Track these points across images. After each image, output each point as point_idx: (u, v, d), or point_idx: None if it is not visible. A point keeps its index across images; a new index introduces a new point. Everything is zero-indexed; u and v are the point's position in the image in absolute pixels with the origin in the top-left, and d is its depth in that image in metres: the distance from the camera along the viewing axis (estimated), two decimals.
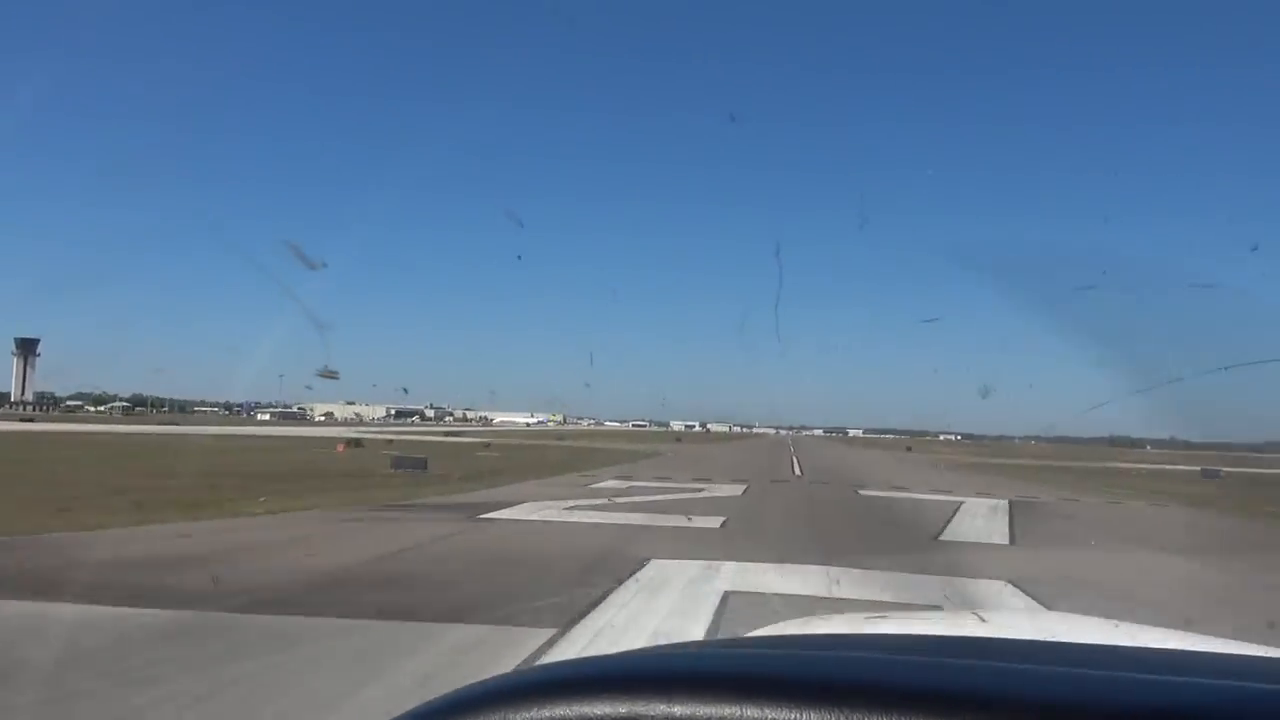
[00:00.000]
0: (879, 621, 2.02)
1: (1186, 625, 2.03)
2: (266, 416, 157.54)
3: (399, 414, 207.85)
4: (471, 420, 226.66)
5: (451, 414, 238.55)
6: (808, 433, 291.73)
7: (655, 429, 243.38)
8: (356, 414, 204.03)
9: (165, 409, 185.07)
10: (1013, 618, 2.20)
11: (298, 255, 6.12)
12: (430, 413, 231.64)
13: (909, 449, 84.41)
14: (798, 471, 33.28)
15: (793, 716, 0.69)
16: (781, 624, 2.12)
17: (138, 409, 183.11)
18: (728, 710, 0.71)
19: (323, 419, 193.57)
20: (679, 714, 0.71)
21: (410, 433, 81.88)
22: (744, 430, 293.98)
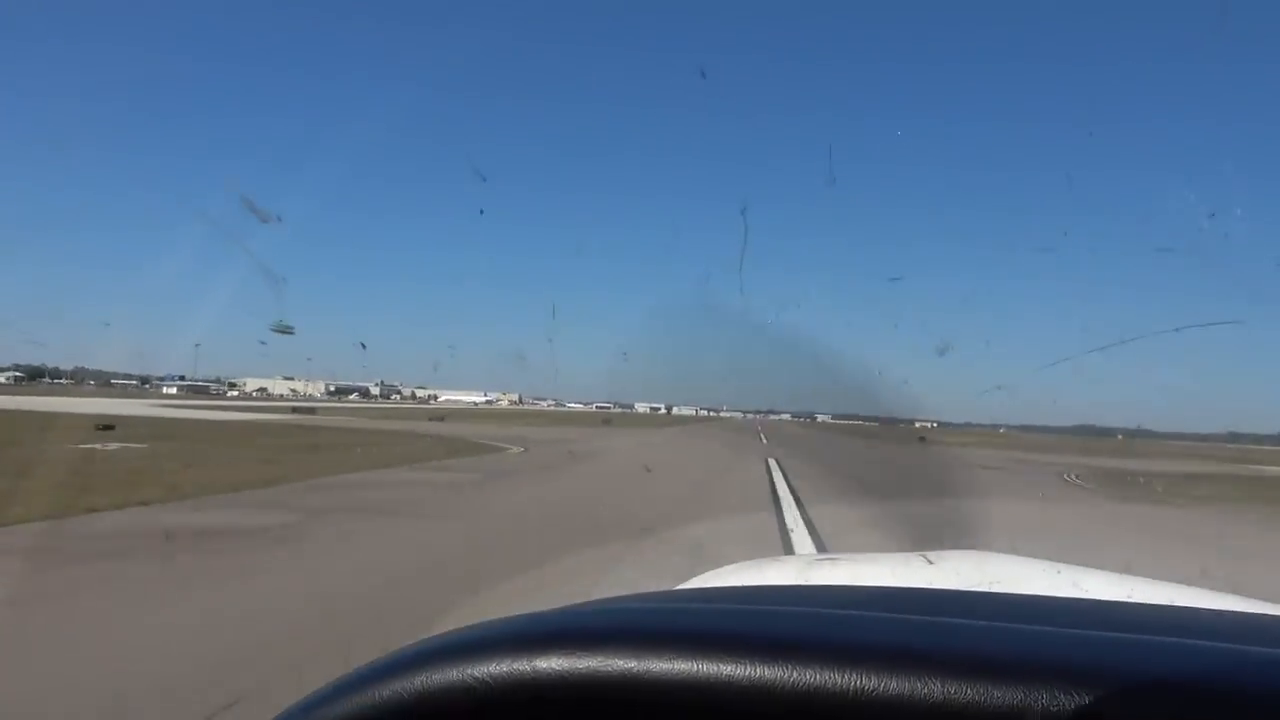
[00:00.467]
0: (824, 565, 1.92)
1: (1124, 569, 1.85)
2: (173, 390, 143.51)
3: (338, 390, 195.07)
4: (419, 398, 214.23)
5: (399, 391, 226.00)
6: (775, 416, 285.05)
7: (618, 410, 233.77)
8: (292, 389, 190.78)
9: (67, 379, 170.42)
10: (960, 561, 1.90)
11: (250, 208, 5.76)
12: (376, 389, 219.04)
13: (922, 439, 61.45)
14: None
15: (722, 671, 0.70)
16: (726, 569, 1.93)
17: (39, 380, 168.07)
18: (655, 665, 0.72)
19: (256, 394, 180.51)
20: (615, 668, 0.72)
21: (302, 409, 68.85)
22: (710, 413, 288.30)
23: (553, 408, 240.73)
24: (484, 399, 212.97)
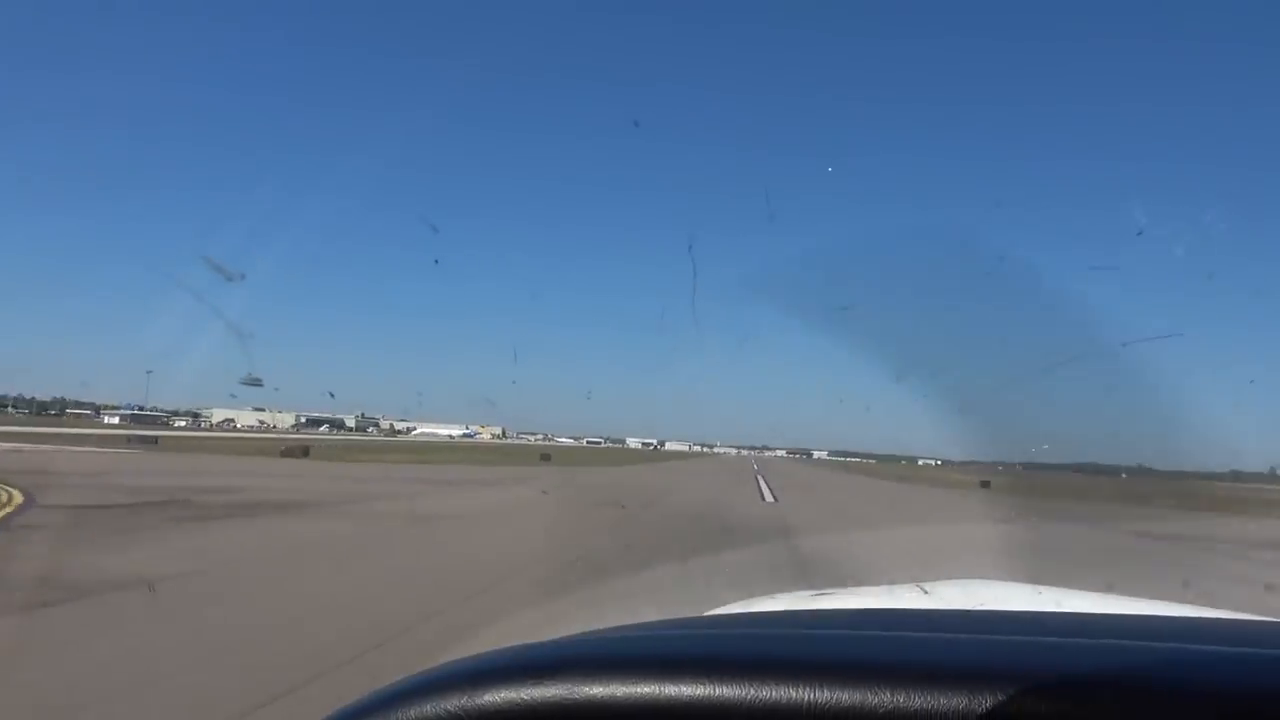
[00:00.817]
0: (821, 598, 2.02)
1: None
2: (115, 420, 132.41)
3: (311, 422, 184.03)
4: (397, 430, 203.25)
5: (377, 423, 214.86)
6: (771, 453, 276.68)
7: (609, 446, 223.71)
8: (261, 421, 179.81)
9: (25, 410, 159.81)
10: (951, 589, 2.00)
11: (216, 268, 5.57)
12: (351, 421, 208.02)
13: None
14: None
15: (734, 694, 0.72)
16: (718, 610, 1.94)
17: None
18: (661, 690, 0.73)
19: (224, 424, 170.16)
20: (621, 695, 0.74)
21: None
22: (704, 449, 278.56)
23: (542, 441, 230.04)
24: (463, 432, 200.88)
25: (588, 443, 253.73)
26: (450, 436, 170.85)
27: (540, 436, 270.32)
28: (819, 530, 18.03)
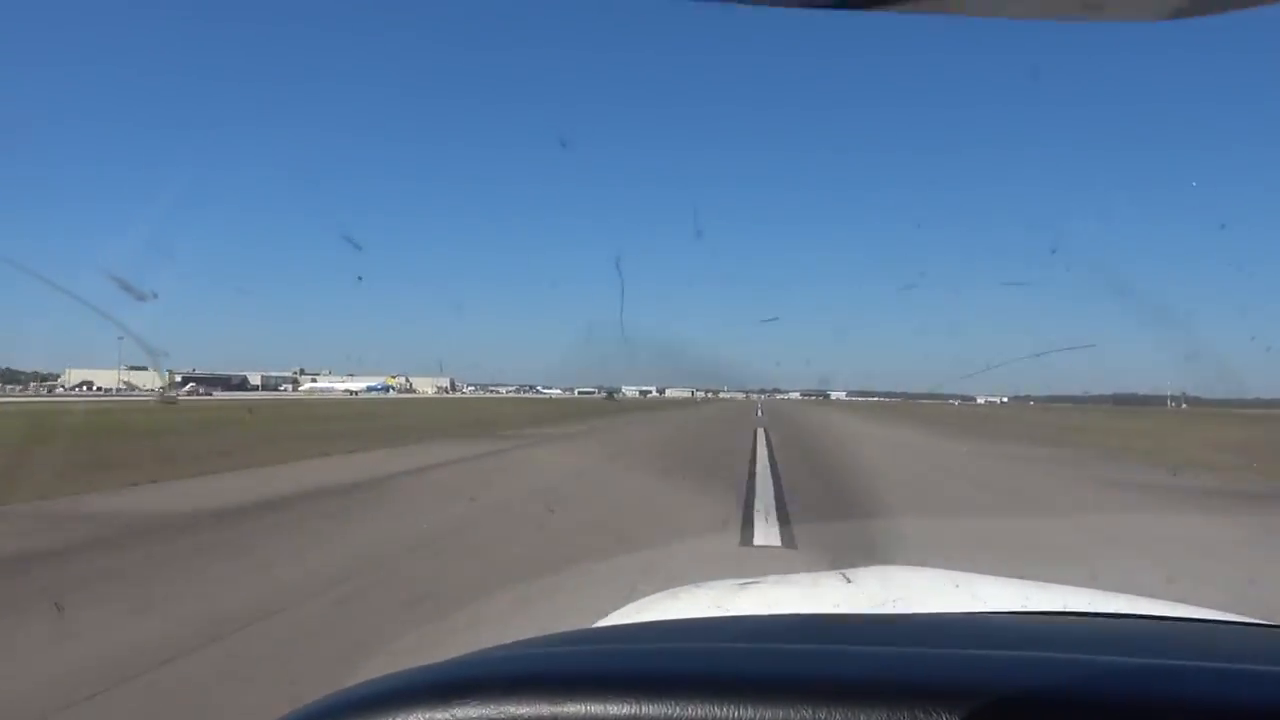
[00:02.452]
0: (741, 592, 1.85)
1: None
2: None
3: (187, 381, 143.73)
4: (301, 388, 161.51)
5: (296, 381, 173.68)
6: (782, 396, 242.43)
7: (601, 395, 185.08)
8: (127, 382, 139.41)
9: None
10: (870, 579, 1.85)
11: (124, 288, 6.07)
12: (257, 379, 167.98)
13: None
14: None
15: (634, 712, 0.71)
16: (644, 600, 1.87)
17: None
18: (558, 710, 0.72)
19: (79, 388, 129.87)
20: (523, 714, 0.72)
21: None
22: (709, 395, 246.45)
23: (516, 394, 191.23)
24: (367, 385, 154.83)
25: (579, 393, 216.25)
26: (350, 393, 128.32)
27: (520, 389, 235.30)
28: None
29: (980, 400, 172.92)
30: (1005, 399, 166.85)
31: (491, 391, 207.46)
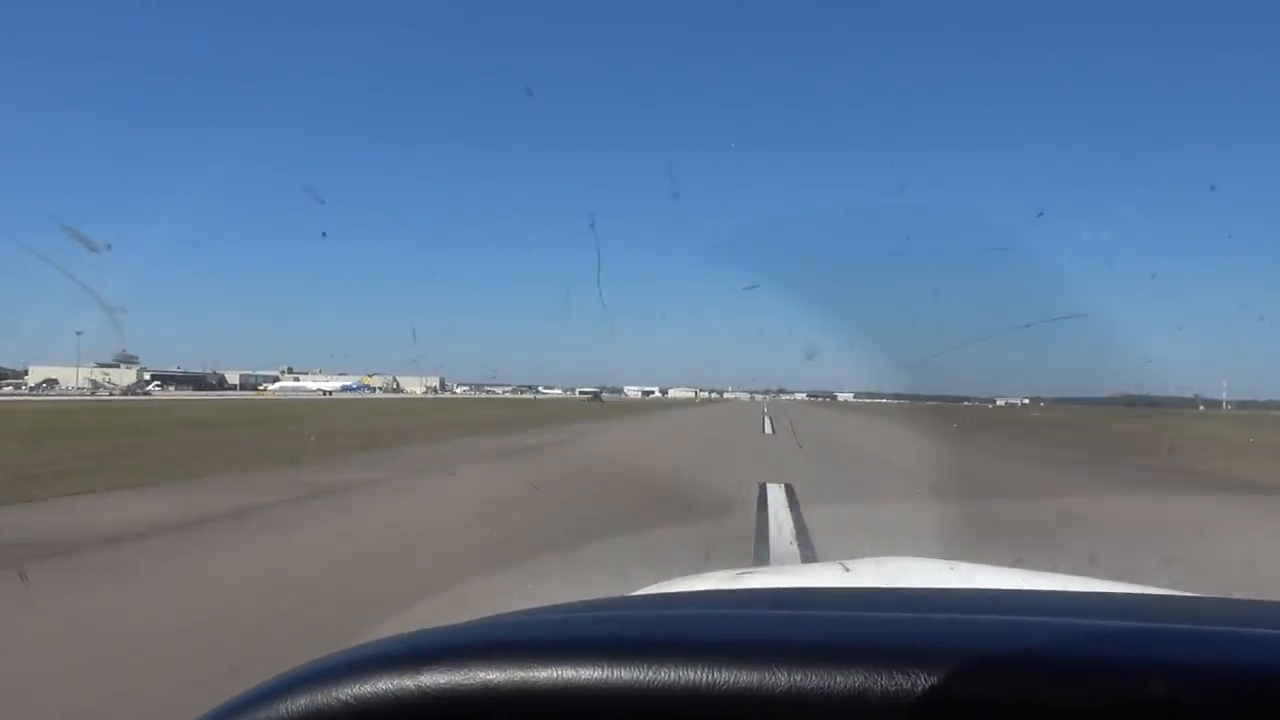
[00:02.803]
0: (746, 578, 1.97)
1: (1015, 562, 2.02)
2: None
3: (155, 379, 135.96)
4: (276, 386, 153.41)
5: (278, 378, 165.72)
6: (787, 396, 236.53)
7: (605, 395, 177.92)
8: (92, 380, 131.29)
9: None
10: (873, 567, 1.93)
11: (76, 237, 6.02)
12: (235, 379, 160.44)
13: None
14: None
15: (641, 677, 0.71)
16: (650, 586, 1.85)
17: None
18: (562, 673, 0.72)
19: (44, 385, 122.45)
20: (520, 680, 0.72)
21: None
22: (713, 395, 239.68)
23: (516, 396, 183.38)
24: (341, 385, 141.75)
25: (580, 393, 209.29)
26: (325, 392, 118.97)
27: (518, 389, 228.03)
28: None
29: (1000, 402, 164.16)
30: (1025, 400, 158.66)
31: (488, 392, 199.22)
